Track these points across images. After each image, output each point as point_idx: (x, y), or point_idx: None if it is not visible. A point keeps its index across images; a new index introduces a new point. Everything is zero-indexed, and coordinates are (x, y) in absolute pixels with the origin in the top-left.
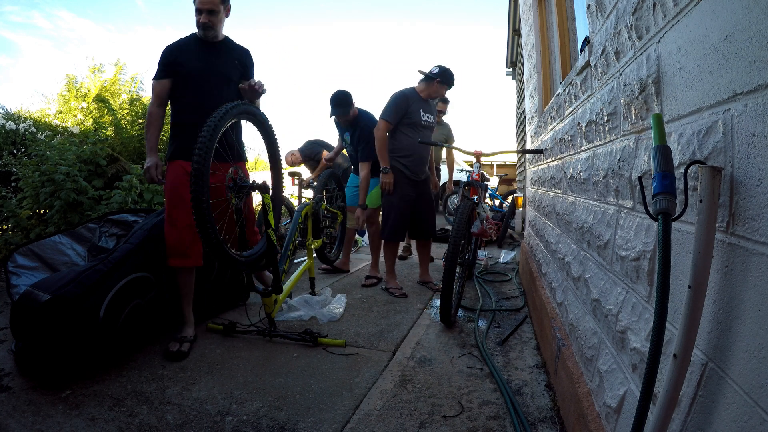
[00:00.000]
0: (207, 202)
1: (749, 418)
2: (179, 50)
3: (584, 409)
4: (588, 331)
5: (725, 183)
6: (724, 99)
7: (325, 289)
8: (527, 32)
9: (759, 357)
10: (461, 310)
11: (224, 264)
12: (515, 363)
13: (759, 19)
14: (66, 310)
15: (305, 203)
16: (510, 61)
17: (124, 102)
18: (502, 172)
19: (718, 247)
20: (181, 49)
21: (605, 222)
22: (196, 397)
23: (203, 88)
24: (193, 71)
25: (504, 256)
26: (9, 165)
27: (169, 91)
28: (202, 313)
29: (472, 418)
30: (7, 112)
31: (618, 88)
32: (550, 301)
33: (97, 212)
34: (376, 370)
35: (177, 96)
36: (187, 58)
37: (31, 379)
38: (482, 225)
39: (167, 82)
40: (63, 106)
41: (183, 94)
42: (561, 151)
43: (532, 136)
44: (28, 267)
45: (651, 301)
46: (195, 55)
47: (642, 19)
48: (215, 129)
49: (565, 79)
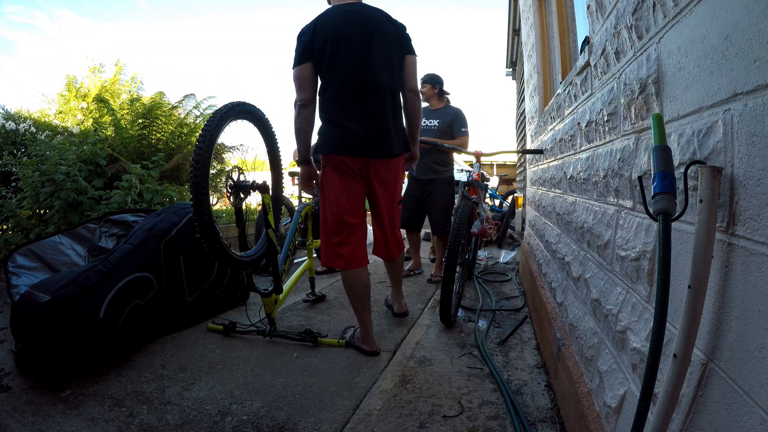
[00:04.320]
0: (208, 207)
1: (749, 418)
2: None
3: (584, 409)
4: (588, 331)
5: (725, 183)
6: (724, 99)
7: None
8: (527, 32)
9: (759, 357)
10: (461, 310)
11: (226, 266)
12: (515, 363)
13: (759, 19)
14: (66, 311)
15: (305, 203)
16: (510, 61)
17: (124, 102)
18: (502, 172)
19: (718, 247)
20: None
21: (605, 222)
22: (196, 397)
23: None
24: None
25: (504, 256)
26: (9, 165)
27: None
28: (202, 313)
29: (472, 418)
30: (7, 112)
31: (618, 88)
32: (550, 301)
33: (97, 212)
34: (376, 370)
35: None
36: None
37: (31, 379)
38: (482, 225)
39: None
40: (63, 106)
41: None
42: (561, 151)
43: (532, 136)
44: (28, 267)
45: (651, 301)
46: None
47: (642, 19)
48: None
49: (565, 79)
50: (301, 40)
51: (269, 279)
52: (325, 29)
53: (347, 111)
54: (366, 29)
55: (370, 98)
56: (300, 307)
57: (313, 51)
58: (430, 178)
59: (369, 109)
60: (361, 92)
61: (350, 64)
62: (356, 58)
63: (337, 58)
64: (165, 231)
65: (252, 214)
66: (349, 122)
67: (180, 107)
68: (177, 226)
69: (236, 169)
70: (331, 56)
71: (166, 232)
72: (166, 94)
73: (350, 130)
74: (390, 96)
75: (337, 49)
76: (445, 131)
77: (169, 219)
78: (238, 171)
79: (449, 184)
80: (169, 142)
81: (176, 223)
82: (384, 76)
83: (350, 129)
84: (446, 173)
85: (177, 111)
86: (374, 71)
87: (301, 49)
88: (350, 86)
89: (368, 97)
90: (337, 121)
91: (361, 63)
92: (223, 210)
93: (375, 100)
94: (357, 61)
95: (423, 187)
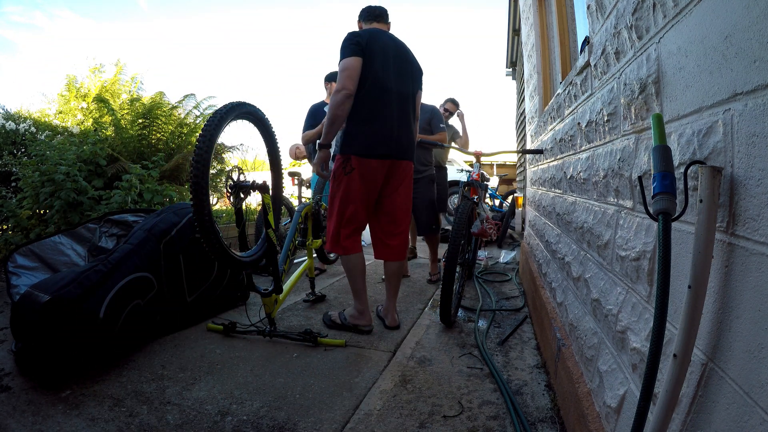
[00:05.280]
0: (208, 207)
1: (749, 418)
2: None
3: (584, 409)
4: (588, 331)
5: (725, 183)
6: (724, 99)
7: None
8: (527, 32)
9: (759, 357)
10: (461, 310)
11: (226, 266)
12: (515, 363)
13: (759, 19)
14: (66, 311)
15: (305, 203)
16: (510, 61)
17: (124, 102)
18: (502, 172)
19: (718, 247)
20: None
21: (605, 222)
22: (196, 397)
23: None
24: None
25: (504, 256)
26: (9, 165)
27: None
28: (202, 313)
29: (472, 418)
30: (7, 112)
31: (618, 88)
32: (550, 301)
33: (97, 212)
34: (376, 370)
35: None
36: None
37: (31, 379)
38: (482, 225)
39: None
40: (63, 106)
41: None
42: (561, 151)
43: (532, 136)
44: (28, 267)
45: (651, 301)
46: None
47: (642, 19)
48: (213, 133)
49: (565, 79)
50: (356, 40)
51: (269, 279)
52: (378, 42)
53: (385, 115)
54: (403, 56)
55: (402, 109)
56: (300, 307)
57: (365, 51)
58: (420, 177)
59: (401, 117)
60: (398, 102)
61: (391, 78)
62: (395, 72)
63: (384, 68)
64: (165, 231)
65: (252, 214)
66: (385, 126)
67: (180, 107)
68: (177, 226)
69: (236, 169)
70: (380, 64)
71: (166, 232)
72: (166, 94)
73: (385, 134)
74: (411, 114)
75: (386, 61)
76: (424, 128)
77: (169, 219)
78: (238, 171)
79: (431, 182)
80: (169, 142)
81: (176, 223)
82: (409, 97)
83: (385, 132)
84: (427, 171)
85: (177, 111)
86: (406, 87)
87: (355, 44)
88: (392, 94)
89: (401, 107)
90: (373, 124)
91: (399, 77)
92: (223, 210)
93: (404, 112)
94: (396, 75)
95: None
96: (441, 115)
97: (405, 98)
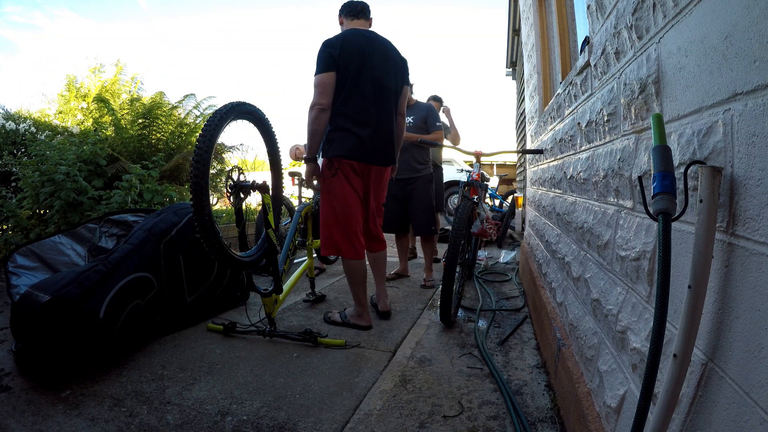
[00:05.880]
0: (208, 207)
1: (749, 418)
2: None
3: (584, 409)
4: (588, 331)
5: (725, 183)
6: (724, 99)
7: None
8: (527, 32)
9: (759, 357)
10: (461, 310)
11: (226, 266)
12: (515, 363)
13: (759, 19)
14: (66, 311)
15: (305, 203)
16: (510, 61)
17: (124, 102)
18: (502, 172)
19: (718, 247)
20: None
21: (605, 222)
22: (196, 397)
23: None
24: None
25: (504, 256)
26: (9, 165)
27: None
28: (202, 313)
29: (472, 418)
30: (7, 112)
31: (618, 88)
32: (550, 301)
33: (97, 212)
34: (376, 370)
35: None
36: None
37: (31, 379)
38: (482, 225)
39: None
40: (63, 106)
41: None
42: (561, 151)
43: (532, 136)
44: (28, 267)
45: (651, 301)
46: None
47: (642, 19)
48: (213, 133)
49: (565, 79)
50: (328, 51)
51: (269, 279)
52: (352, 47)
53: (361, 120)
54: (383, 54)
55: (381, 112)
56: (300, 307)
57: (339, 62)
58: (409, 177)
59: (379, 121)
60: (376, 106)
61: (368, 81)
62: (374, 76)
63: (360, 72)
64: (165, 231)
65: (252, 214)
66: (362, 131)
67: (180, 107)
68: (177, 226)
69: (236, 169)
70: (355, 70)
71: (166, 232)
72: (166, 94)
73: (362, 138)
74: (394, 113)
75: (362, 65)
76: (420, 126)
77: (169, 219)
78: (238, 171)
79: (429, 182)
80: (169, 142)
81: (176, 223)
82: (392, 96)
83: (362, 137)
84: (425, 171)
85: (177, 111)
86: (386, 90)
87: (327, 58)
88: (369, 98)
89: (380, 110)
90: (351, 129)
91: (378, 81)
92: (223, 210)
93: (384, 114)
94: (374, 79)
95: (403, 187)
96: (437, 113)
97: (386, 97)
